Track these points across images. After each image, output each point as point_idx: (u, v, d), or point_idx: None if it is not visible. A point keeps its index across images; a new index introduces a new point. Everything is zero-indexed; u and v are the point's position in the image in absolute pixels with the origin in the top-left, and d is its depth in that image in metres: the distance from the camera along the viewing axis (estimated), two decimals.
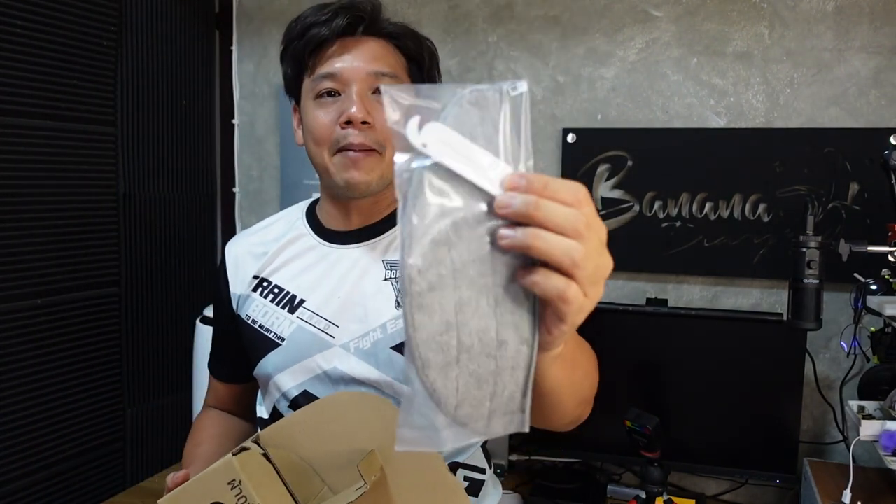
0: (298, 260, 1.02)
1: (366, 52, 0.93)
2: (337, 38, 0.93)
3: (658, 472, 1.40)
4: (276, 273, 1.02)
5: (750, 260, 1.52)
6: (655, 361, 1.47)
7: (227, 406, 1.16)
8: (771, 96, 1.51)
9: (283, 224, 1.08)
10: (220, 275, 1.08)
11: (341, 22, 0.92)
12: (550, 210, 0.44)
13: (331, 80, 0.93)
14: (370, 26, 0.95)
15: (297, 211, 1.09)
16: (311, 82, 0.94)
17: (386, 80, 0.93)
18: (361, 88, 0.92)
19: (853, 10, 1.44)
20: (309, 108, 0.95)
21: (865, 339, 1.28)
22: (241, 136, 1.94)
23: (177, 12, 1.74)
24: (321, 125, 0.93)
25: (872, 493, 1.19)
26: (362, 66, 0.93)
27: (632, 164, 1.58)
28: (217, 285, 1.09)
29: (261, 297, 1.01)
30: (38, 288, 1.41)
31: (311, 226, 1.04)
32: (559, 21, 1.63)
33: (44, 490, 1.44)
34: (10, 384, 1.37)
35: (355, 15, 0.93)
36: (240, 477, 0.72)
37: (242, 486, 0.72)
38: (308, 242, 1.02)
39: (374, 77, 0.93)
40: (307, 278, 0.99)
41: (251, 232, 1.10)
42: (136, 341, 1.65)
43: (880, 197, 1.38)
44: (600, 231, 0.47)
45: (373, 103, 0.93)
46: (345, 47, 0.93)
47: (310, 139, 0.96)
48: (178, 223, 1.77)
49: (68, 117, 1.46)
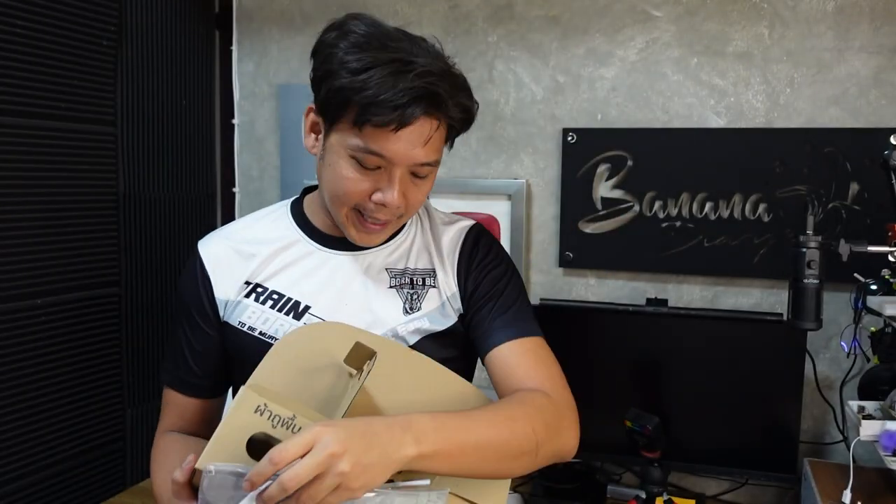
0: (295, 266, 0.99)
1: (422, 138, 0.86)
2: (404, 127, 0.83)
3: (658, 472, 1.40)
4: (272, 279, 0.98)
5: (750, 260, 1.52)
6: (655, 361, 1.47)
7: (195, 426, 1.04)
8: (771, 96, 1.51)
9: (267, 225, 1.04)
10: (197, 278, 1.00)
11: (420, 109, 0.83)
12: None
13: (377, 158, 0.86)
14: (443, 108, 0.86)
15: (281, 215, 1.05)
16: (355, 142, 0.86)
17: (427, 168, 0.90)
18: (405, 174, 0.89)
19: (853, 10, 1.44)
20: (340, 157, 0.88)
21: (865, 339, 1.28)
22: (241, 136, 1.94)
23: (177, 12, 1.74)
24: (352, 191, 0.89)
25: (872, 493, 1.19)
26: (415, 155, 0.87)
27: (632, 164, 1.58)
28: (192, 287, 1.01)
29: (257, 303, 0.97)
30: (38, 288, 1.41)
31: (305, 231, 1.01)
32: (559, 21, 1.63)
33: (44, 490, 1.44)
34: (10, 384, 1.37)
35: (438, 97, 0.84)
36: (263, 400, 0.71)
37: (269, 407, 0.71)
38: (304, 248, 1.00)
39: (421, 165, 0.89)
40: (309, 284, 0.98)
41: (229, 232, 1.04)
42: (136, 341, 1.65)
43: (880, 197, 1.38)
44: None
45: (409, 184, 0.90)
46: (407, 134, 0.84)
47: (331, 187, 0.91)
48: (178, 223, 1.77)
49: (68, 117, 1.46)
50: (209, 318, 1.00)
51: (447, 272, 1.01)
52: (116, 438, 1.62)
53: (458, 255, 1.02)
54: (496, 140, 1.70)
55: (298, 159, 1.84)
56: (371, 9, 1.77)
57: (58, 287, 1.45)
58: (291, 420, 0.71)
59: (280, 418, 0.71)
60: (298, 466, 0.65)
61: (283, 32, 1.87)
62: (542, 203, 1.68)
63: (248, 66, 1.91)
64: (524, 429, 0.83)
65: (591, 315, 1.53)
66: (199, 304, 1.00)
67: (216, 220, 1.92)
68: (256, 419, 0.71)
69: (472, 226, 1.06)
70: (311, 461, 0.65)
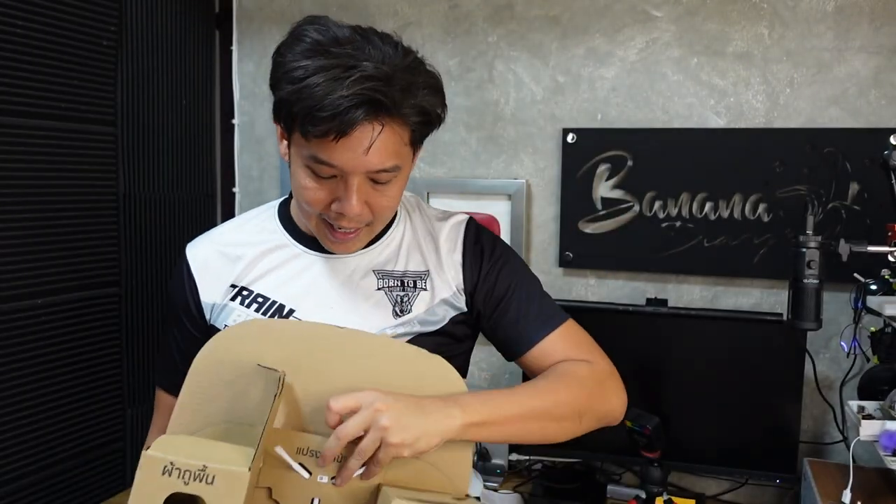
0: (281, 269, 0.98)
1: (366, 144, 0.81)
2: (346, 133, 0.79)
3: (658, 472, 1.40)
4: (258, 282, 0.97)
5: (750, 260, 1.52)
6: (655, 361, 1.47)
7: None
8: (771, 96, 1.51)
9: (254, 227, 1.03)
10: (184, 281, 1.00)
11: (359, 116, 0.78)
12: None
13: (328, 168, 0.83)
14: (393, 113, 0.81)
15: (268, 217, 1.04)
16: (305, 152, 0.84)
17: (390, 173, 0.85)
18: (363, 181, 0.85)
19: (853, 10, 1.44)
20: (298, 166, 0.87)
21: (865, 339, 1.28)
22: (241, 136, 1.94)
23: (177, 12, 1.74)
24: (311, 199, 0.87)
25: (872, 493, 1.19)
26: (366, 163, 0.82)
27: (632, 164, 1.58)
28: (179, 290, 1.01)
29: (242, 306, 0.96)
30: (38, 288, 1.41)
31: (291, 233, 1.00)
32: (559, 21, 1.63)
33: (44, 490, 1.44)
34: (10, 384, 1.37)
35: (379, 103, 0.79)
36: (168, 459, 0.68)
37: (177, 464, 0.68)
38: (291, 251, 0.99)
39: (377, 173, 0.85)
40: (294, 287, 0.97)
41: (216, 234, 1.03)
42: (136, 341, 1.65)
43: (880, 197, 1.38)
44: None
45: (369, 190, 0.86)
46: (353, 140, 0.80)
47: (296, 196, 0.91)
48: (178, 223, 1.77)
49: (68, 117, 1.46)
50: (196, 322, 1.00)
51: (445, 271, 0.99)
52: (116, 438, 1.62)
53: (461, 254, 1.00)
54: (496, 140, 1.70)
55: None
56: (371, 9, 1.77)
57: (58, 287, 1.45)
58: (202, 471, 0.68)
59: (190, 472, 0.68)
60: (349, 421, 0.74)
61: (283, 32, 1.84)
62: (542, 203, 1.68)
63: (248, 66, 1.91)
64: (566, 397, 0.90)
65: (591, 315, 1.52)
66: (187, 307, 1.00)
67: (216, 220, 1.92)
68: (166, 481, 0.68)
69: (468, 221, 1.05)
70: (358, 417, 0.75)
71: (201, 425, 0.78)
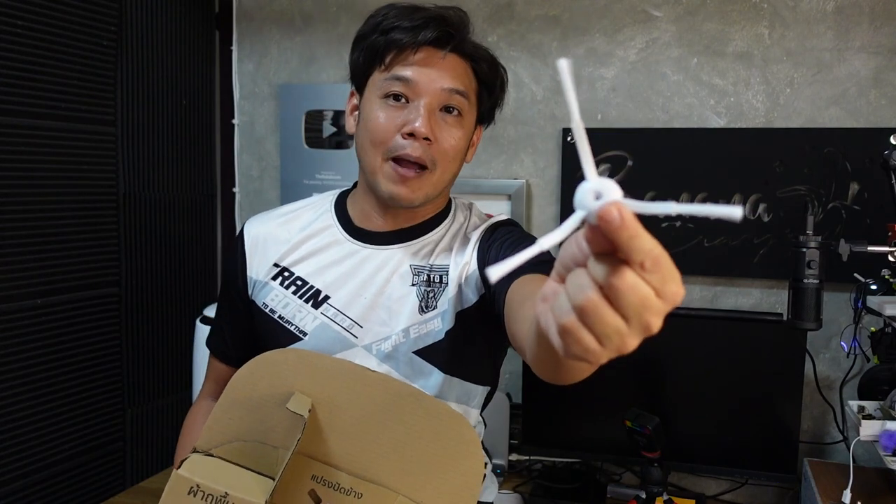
0: (322, 253, 1.01)
1: (445, 68, 0.92)
2: (420, 46, 0.92)
3: (658, 472, 1.40)
4: (299, 264, 1.01)
5: (750, 260, 1.52)
6: (655, 361, 1.47)
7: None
8: (771, 96, 1.51)
9: (310, 213, 1.06)
10: (237, 253, 1.06)
11: (430, 35, 0.91)
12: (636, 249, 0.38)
13: (403, 85, 0.92)
14: (456, 44, 0.93)
15: (326, 201, 1.07)
16: (383, 79, 0.93)
17: (457, 98, 0.93)
18: (431, 103, 0.92)
19: (853, 10, 1.44)
20: (373, 105, 0.94)
21: (865, 339, 1.28)
22: (241, 136, 1.94)
23: (177, 12, 1.74)
24: (382, 128, 0.92)
25: (872, 493, 1.19)
26: (438, 80, 0.92)
27: (632, 164, 1.58)
28: (231, 262, 1.07)
29: (281, 286, 1.00)
30: (38, 288, 1.41)
31: (340, 220, 1.03)
32: (559, 21, 1.63)
33: (44, 490, 1.44)
34: (11, 384, 1.37)
35: (445, 31, 0.92)
36: (195, 481, 0.74)
37: (202, 487, 0.74)
38: (334, 235, 1.01)
39: (448, 94, 0.92)
40: (332, 274, 0.99)
41: (275, 216, 1.07)
42: (136, 341, 1.65)
43: (880, 197, 1.38)
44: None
45: (438, 121, 0.92)
46: (426, 58, 0.92)
47: (365, 137, 0.94)
48: (178, 223, 1.77)
49: (68, 117, 1.46)
50: (241, 294, 1.05)
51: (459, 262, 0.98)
52: (116, 438, 1.62)
53: (478, 241, 1.00)
54: (496, 140, 1.70)
55: (298, 159, 1.84)
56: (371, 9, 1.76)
57: (58, 287, 1.45)
58: (224, 498, 0.74)
59: (213, 497, 0.74)
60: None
61: (283, 32, 1.87)
62: (542, 203, 1.68)
63: (248, 66, 1.91)
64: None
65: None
66: (234, 279, 1.05)
67: (216, 220, 1.92)
68: (190, 501, 0.74)
69: (502, 219, 1.05)
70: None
71: (231, 437, 0.82)
